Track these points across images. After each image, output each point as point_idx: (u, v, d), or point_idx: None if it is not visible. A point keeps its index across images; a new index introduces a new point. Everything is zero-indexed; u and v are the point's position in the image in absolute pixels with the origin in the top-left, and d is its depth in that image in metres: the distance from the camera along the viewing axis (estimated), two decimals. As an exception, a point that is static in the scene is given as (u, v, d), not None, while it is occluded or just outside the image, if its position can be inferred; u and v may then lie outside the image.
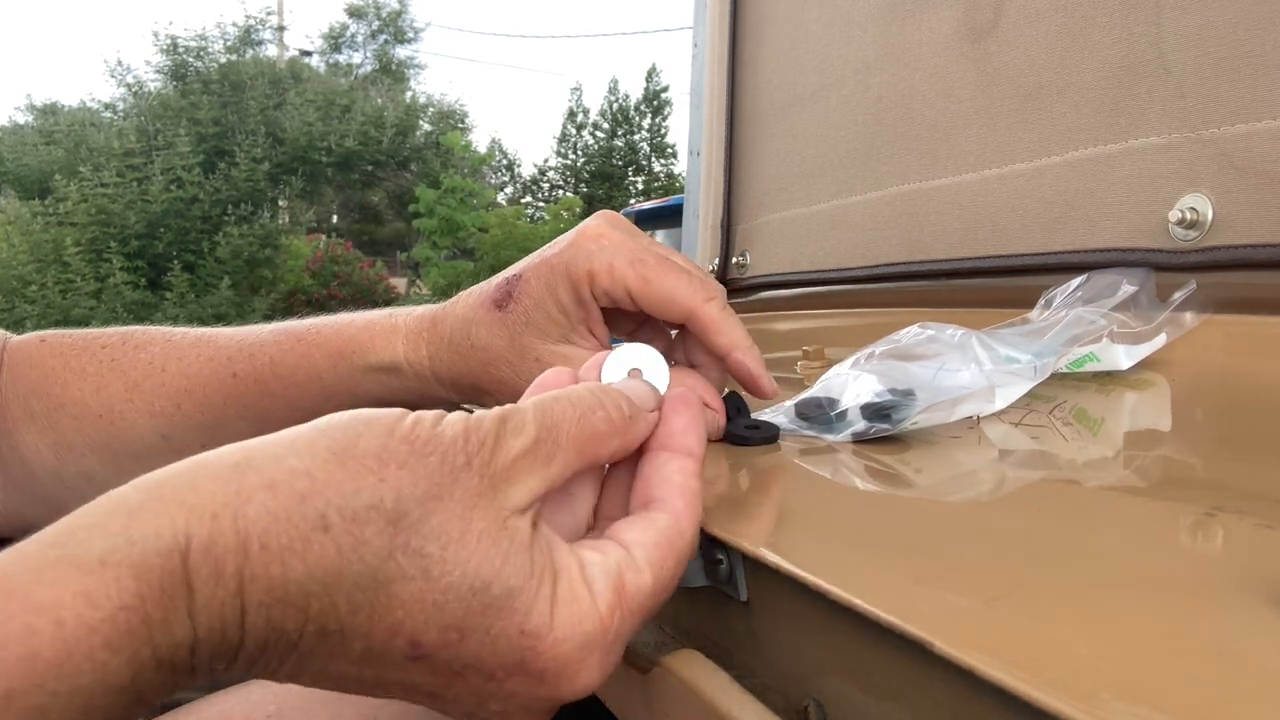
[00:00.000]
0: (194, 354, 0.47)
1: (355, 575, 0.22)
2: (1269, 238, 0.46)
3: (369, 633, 0.23)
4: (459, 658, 0.24)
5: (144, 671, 0.20)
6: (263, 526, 0.22)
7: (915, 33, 0.74)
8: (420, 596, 0.23)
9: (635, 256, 0.41)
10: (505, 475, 0.26)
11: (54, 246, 7.44)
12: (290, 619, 0.22)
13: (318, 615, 0.22)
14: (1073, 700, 0.17)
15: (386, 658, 0.24)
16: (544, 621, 0.25)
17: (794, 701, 0.28)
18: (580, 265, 0.41)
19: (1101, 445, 0.40)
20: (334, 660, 0.23)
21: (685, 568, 0.29)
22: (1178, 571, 0.25)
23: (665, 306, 0.41)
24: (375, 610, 0.23)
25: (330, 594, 0.22)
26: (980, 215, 0.66)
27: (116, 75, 11.00)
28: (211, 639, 0.21)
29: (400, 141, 10.72)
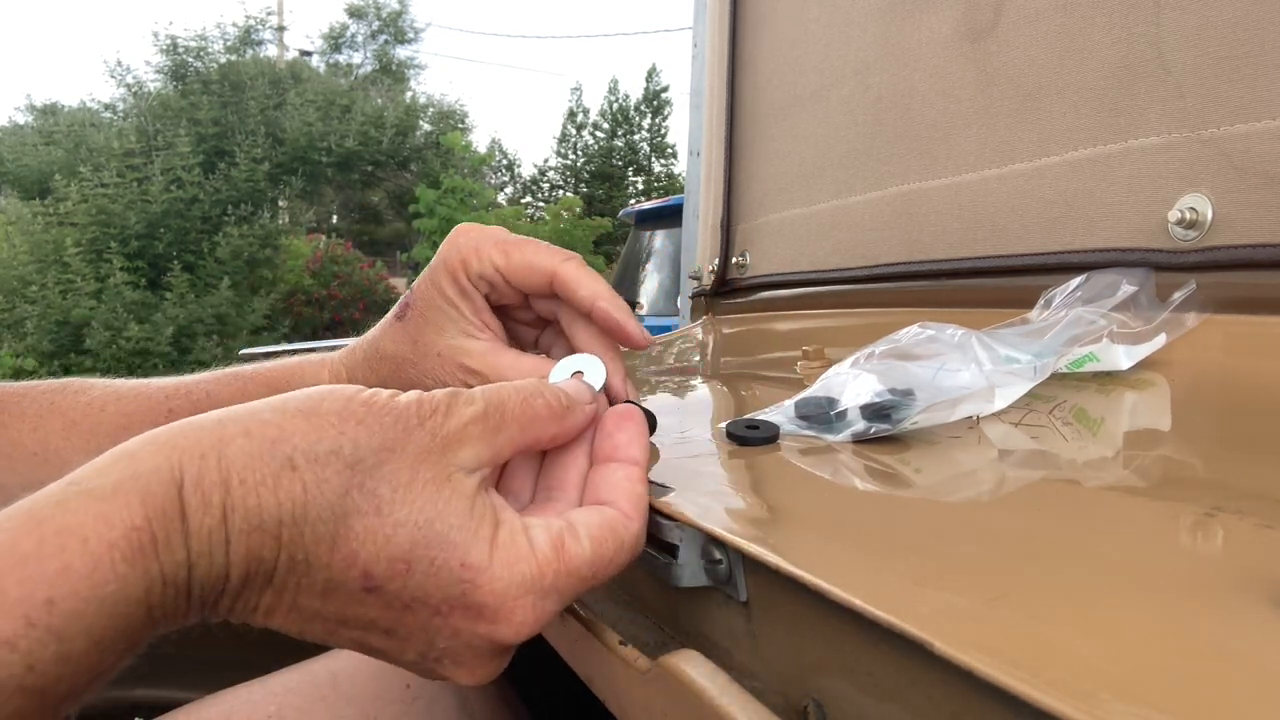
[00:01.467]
0: (131, 395, 0.48)
1: (318, 509, 0.26)
2: (1269, 238, 0.46)
3: (329, 563, 0.27)
4: (406, 589, 0.27)
5: (154, 586, 0.24)
6: (241, 464, 0.26)
7: (915, 33, 0.74)
8: (372, 530, 0.27)
9: (498, 238, 0.44)
10: (455, 437, 0.29)
11: (54, 247, 7.43)
12: (266, 547, 0.26)
13: (288, 544, 0.26)
14: (1073, 700, 0.17)
15: (344, 589, 0.27)
16: (483, 558, 0.28)
17: (794, 702, 0.28)
18: (454, 257, 0.44)
19: (1101, 445, 0.40)
20: (302, 593, 0.27)
21: (628, 558, 0.32)
22: (1178, 571, 0.25)
23: (528, 273, 0.43)
24: (335, 542, 0.26)
25: (298, 524, 0.26)
26: (980, 215, 0.66)
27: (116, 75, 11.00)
28: (202, 563, 0.25)
29: (400, 142, 10.71)
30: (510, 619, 0.29)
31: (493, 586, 0.28)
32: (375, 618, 0.28)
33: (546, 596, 0.29)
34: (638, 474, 0.34)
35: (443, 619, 0.28)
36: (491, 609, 0.28)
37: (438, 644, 0.29)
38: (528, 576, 0.29)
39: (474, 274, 0.44)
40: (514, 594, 0.29)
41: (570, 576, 0.30)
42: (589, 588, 0.31)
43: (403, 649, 0.29)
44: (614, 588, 0.41)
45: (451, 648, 0.29)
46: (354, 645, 0.30)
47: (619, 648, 0.34)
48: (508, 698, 0.62)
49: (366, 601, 0.28)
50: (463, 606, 0.28)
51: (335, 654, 0.60)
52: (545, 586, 0.29)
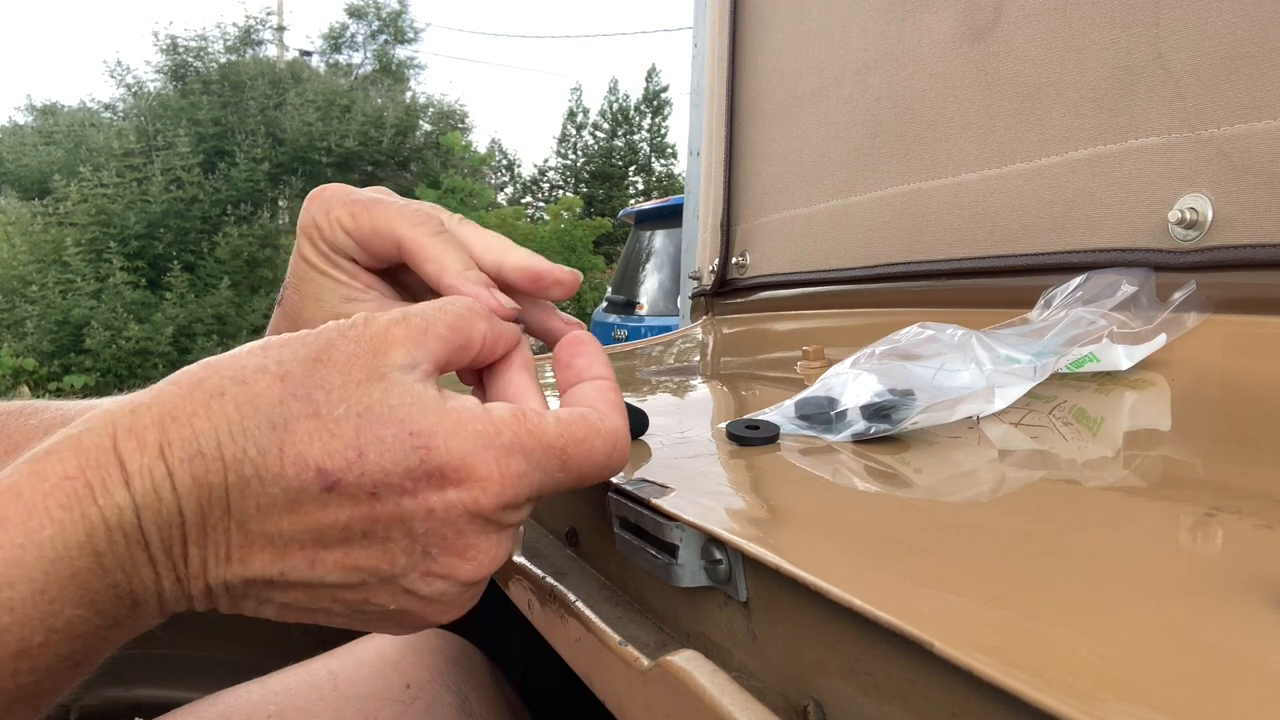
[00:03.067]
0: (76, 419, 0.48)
1: (255, 421, 0.27)
2: (1269, 238, 0.46)
3: (281, 471, 0.26)
4: (365, 475, 0.27)
5: (96, 531, 0.25)
6: (172, 404, 0.27)
7: (915, 33, 0.74)
8: (315, 430, 0.27)
9: (347, 198, 0.40)
10: (381, 340, 0.30)
11: (54, 247, 7.43)
12: (211, 471, 0.26)
13: (233, 462, 0.26)
14: (1073, 700, 0.17)
15: (305, 496, 0.27)
16: (430, 422, 0.28)
17: (794, 702, 0.28)
18: (306, 223, 0.41)
19: (1101, 445, 0.40)
20: (267, 516, 0.27)
21: (606, 448, 0.32)
22: (1177, 571, 0.25)
23: (378, 241, 0.39)
24: (282, 449, 0.26)
25: (237, 440, 0.26)
26: (980, 215, 0.66)
27: (116, 75, 10.98)
28: (149, 503, 0.25)
29: (400, 142, 10.70)
30: (474, 475, 0.28)
31: (448, 445, 0.28)
32: (347, 520, 0.27)
33: (510, 453, 0.29)
34: (607, 385, 0.34)
35: (411, 496, 0.28)
36: (454, 468, 0.28)
37: (418, 531, 0.28)
38: (483, 432, 0.28)
39: (328, 240, 0.40)
40: (471, 449, 0.28)
41: (534, 438, 0.29)
42: (562, 464, 0.30)
43: (390, 556, 0.28)
44: (614, 588, 0.41)
45: (433, 531, 0.28)
46: (344, 575, 0.28)
47: (619, 648, 0.35)
48: (508, 697, 0.62)
49: (331, 503, 0.27)
50: (424, 475, 0.28)
51: (335, 654, 0.60)
52: (505, 442, 0.29)
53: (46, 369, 6.95)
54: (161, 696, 0.66)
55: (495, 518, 0.29)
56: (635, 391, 0.73)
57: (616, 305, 5.45)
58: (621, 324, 5.18)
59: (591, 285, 9.51)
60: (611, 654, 0.35)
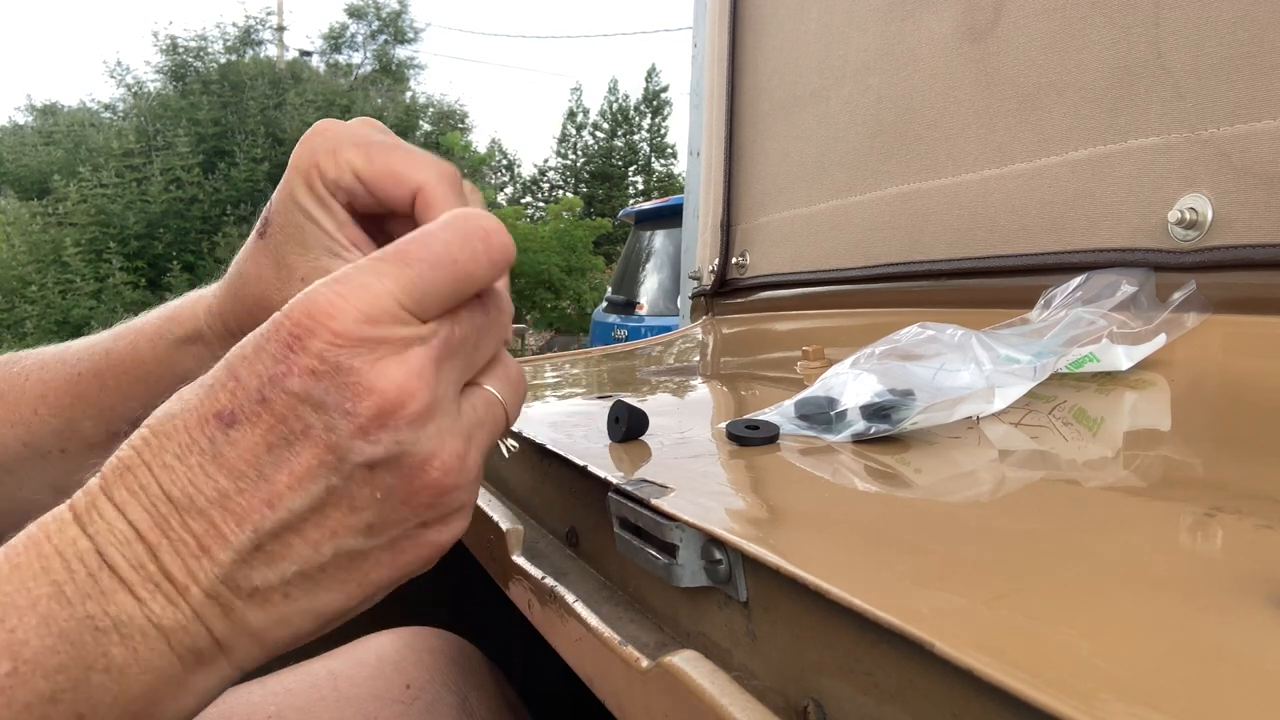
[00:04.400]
0: (54, 362, 0.48)
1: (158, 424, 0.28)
2: (1269, 238, 0.46)
3: (191, 440, 0.28)
4: (250, 389, 0.27)
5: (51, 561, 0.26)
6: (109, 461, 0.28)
7: (915, 33, 0.74)
8: (200, 395, 0.28)
9: (359, 138, 0.38)
10: None
11: (53, 247, 7.43)
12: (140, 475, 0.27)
13: (152, 458, 0.27)
14: (1073, 700, 0.17)
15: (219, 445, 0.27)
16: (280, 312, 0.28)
17: (794, 702, 0.28)
18: (306, 160, 0.38)
19: (1101, 445, 0.40)
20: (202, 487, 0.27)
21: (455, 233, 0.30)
22: (1178, 571, 0.25)
23: (393, 184, 0.37)
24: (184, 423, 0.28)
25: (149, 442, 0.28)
26: (980, 215, 0.66)
27: (116, 76, 11.00)
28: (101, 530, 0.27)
29: (400, 142, 10.70)
30: (317, 313, 0.27)
31: (289, 310, 0.27)
32: (262, 438, 0.27)
33: (344, 280, 0.28)
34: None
35: (289, 375, 0.27)
36: (300, 321, 0.27)
37: (319, 396, 0.27)
38: (317, 285, 0.28)
39: (330, 181, 0.38)
40: (306, 297, 0.27)
41: (367, 259, 0.29)
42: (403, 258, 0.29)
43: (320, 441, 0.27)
44: (614, 588, 0.41)
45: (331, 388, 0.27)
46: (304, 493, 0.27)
47: (619, 648, 0.35)
48: (508, 697, 0.62)
49: (240, 436, 0.27)
50: (286, 349, 0.27)
51: (335, 654, 0.60)
52: (338, 275, 0.28)
53: (46, 369, 6.94)
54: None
55: (371, 338, 0.27)
56: (635, 391, 0.73)
57: (616, 305, 5.45)
58: (621, 324, 5.18)
59: (591, 285, 9.51)
60: (611, 654, 0.35)
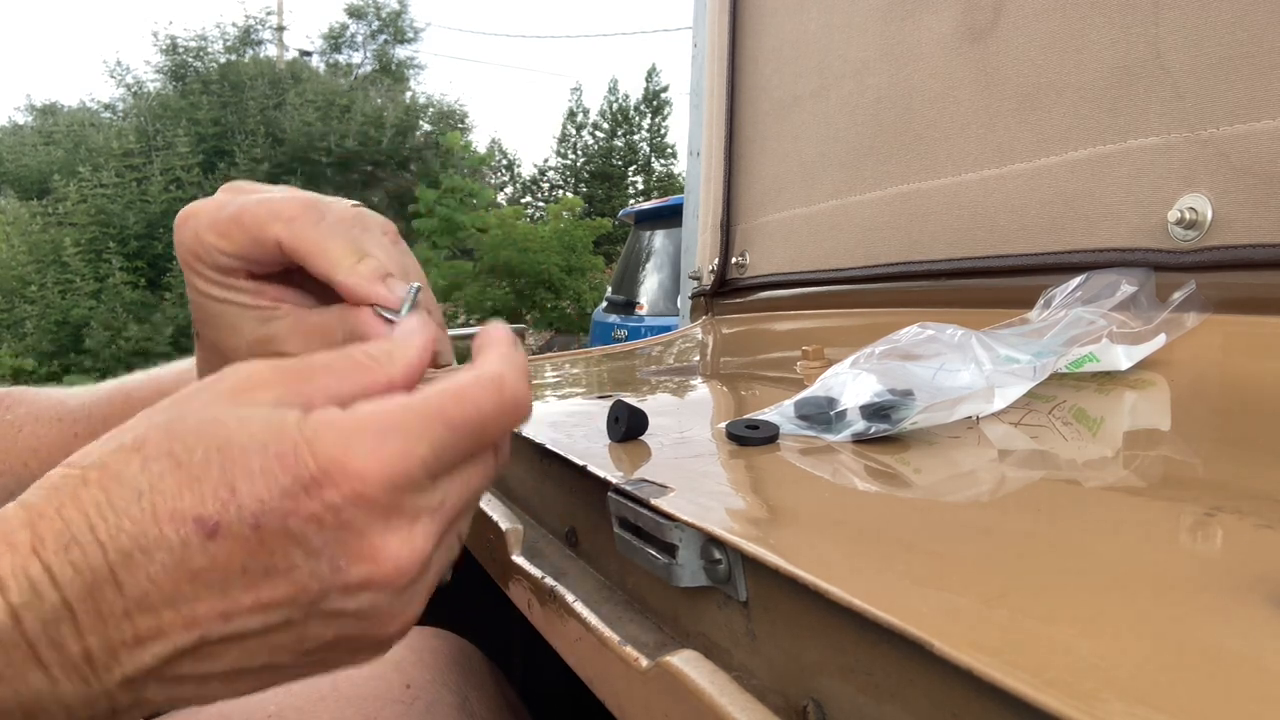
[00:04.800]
0: (49, 415, 0.48)
1: (121, 495, 0.26)
2: (1269, 238, 0.46)
3: (160, 535, 0.25)
4: (244, 510, 0.26)
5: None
6: (38, 504, 0.26)
7: (914, 33, 0.74)
8: (182, 482, 0.26)
9: (213, 215, 0.36)
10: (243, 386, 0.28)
11: (53, 247, 7.43)
12: (90, 554, 0.25)
13: (109, 540, 0.25)
14: (1073, 700, 0.17)
15: (191, 551, 0.25)
16: (293, 439, 0.26)
17: (793, 701, 0.28)
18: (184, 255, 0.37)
19: (1101, 445, 0.40)
20: (160, 586, 0.25)
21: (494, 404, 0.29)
22: (1178, 571, 0.25)
23: (258, 250, 0.36)
24: (155, 512, 0.25)
25: (108, 519, 0.25)
26: (980, 215, 0.66)
27: (116, 76, 11.00)
28: (30, 603, 0.24)
29: (400, 142, 10.71)
30: (348, 470, 0.26)
31: (314, 451, 0.26)
32: (242, 560, 0.26)
33: (381, 436, 0.27)
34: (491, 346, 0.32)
35: (294, 515, 0.26)
36: (326, 470, 0.26)
37: (316, 545, 0.26)
38: (347, 428, 0.27)
39: (213, 266, 0.37)
40: (339, 447, 0.26)
41: (404, 411, 0.28)
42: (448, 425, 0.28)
43: (300, 583, 0.26)
44: (614, 588, 0.41)
45: (331, 541, 0.26)
46: (264, 618, 0.27)
47: (619, 648, 0.34)
48: (508, 697, 0.62)
49: (219, 550, 0.25)
50: (301, 489, 0.26)
51: (335, 654, 0.59)
52: (373, 428, 0.27)
53: (46, 369, 6.95)
54: (161, 696, 0.66)
55: (390, 505, 0.27)
56: (635, 391, 0.73)
57: (616, 305, 5.45)
58: (621, 324, 5.18)
59: (591, 285, 9.51)
60: (611, 654, 0.35)
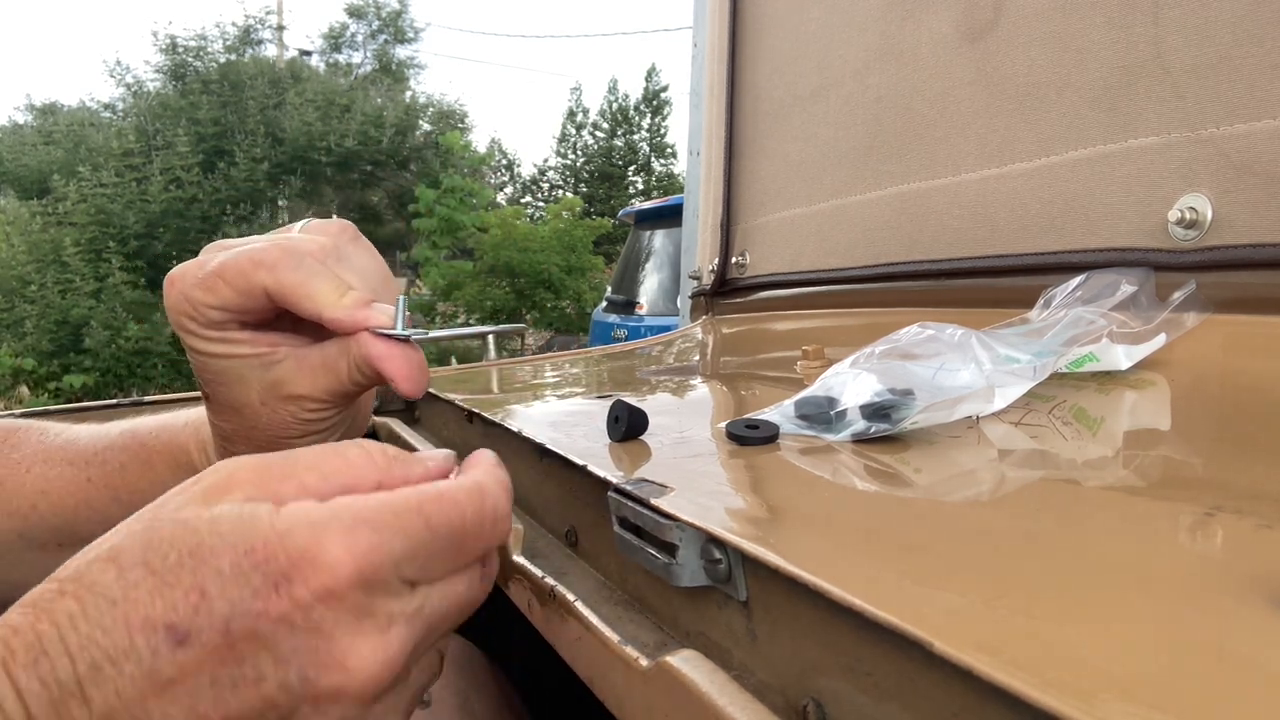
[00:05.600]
0: (58, 456, 0.47)
1: (95, 604, 0.25)
2: (1269, 237, 0.46)
3: (130, 645, 0.25)
4: (215, 615, 0.25)
5: None
6: (15, 620, 0.25)
7: (915, 33, 0.74)
8: (154, 589, 0.25)
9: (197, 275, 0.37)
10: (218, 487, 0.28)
11: (53, 246, 7.43)
12: (58, 667, 0.24)
13: (79, 651, 0.24)
14: (1073, 700, 0.17)
15: (161, 661, 0.25)
16: (263, 533, 0.26)
17: (793, 701, 0.28)
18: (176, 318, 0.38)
19: (1101, 445, 0.40)
20: (128, 699, 0.24)
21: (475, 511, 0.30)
22: (1178, 571, 0.25)
23: (247, 302, 0.37)
24: (127, 620, 0.25)
25: (80, 628, 0.25)
26: (980, 215, 0.66)
27: (116, 75, 11.00)
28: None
29: (400, 141, 10.71)
30: (319, 562, 0.26)
31: (284, 545, 0.26)
32: (211, 670, 0.25)
33: (354, 529, 0.26)
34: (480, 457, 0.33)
35: (264, 617, 0.25)
36: (295, 563, 0.26)
37: (285, 652, 0.26)
38: (319, 520, 0.26)
39: (206, 324, 0.38)
40: (310, 538, 0.26)
41: (382, 506, 0.27)
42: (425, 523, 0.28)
43: (267, 695, 0.26)
44: (614, 588, 0.41)
45: (301, 647, 0.26)
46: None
47: (619, 648, 0.34)
48: (508, 697, 0.62)
49: (189, 659, 0.25)
50: (270, 587, 0.25)
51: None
52: (346, 521, 0.27)
53: (46, 369, 6.95)
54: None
55: (361, 605, 0.26)
56: (635, 391, 0.73)
57: (616, 305, 5.45)
58: (621, 324, 5.18)
59: (591, 285, 9.51)
60: (611, 654, 0.35)
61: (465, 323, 9.21)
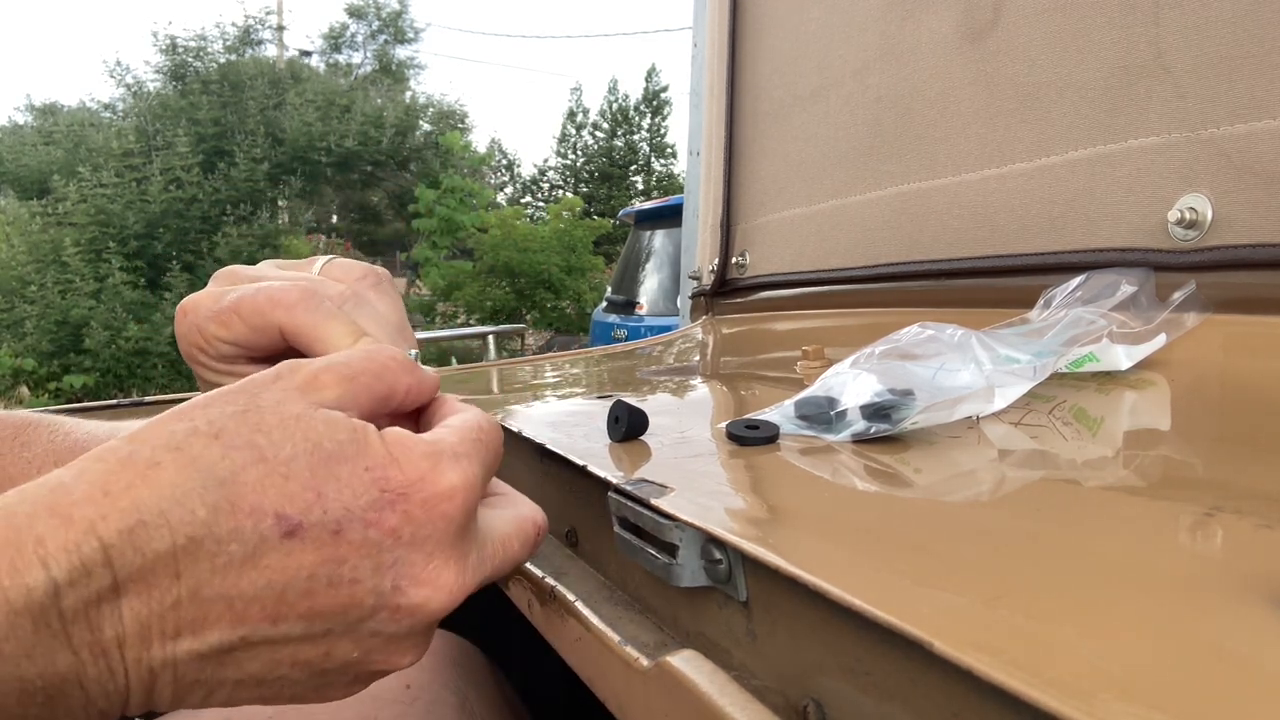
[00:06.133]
0: (68, 459, 0.47)
1: (199, 482, 0.25)
2: (1269, 238, 0.46)
3: (237, 526, 0.25)
4: (328, 514, 0.26)
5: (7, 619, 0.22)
6: (103, 479, 0.24)
7: (915, 33, 0.74)
8: (265, 476, 0.26)
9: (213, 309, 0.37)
10: (310, 384, 0.29)
11: (53, 247, 7.43)
12: (156, 537, 0.24)
13: (180, 524, 0.24)
14: (1073, 700, 0.17)
15: (266, 547, 0.25)
16: (382, 454, 0.28)
17: (793, 701, 0.28)
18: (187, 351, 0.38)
19: (1101, 445, 0.40)
20: (224, 577, 0.25)
21: (496, 430, 0.32)
22: (1178, 571, 0.25)
23: (260, 339, 0.37)
24: (233, 503, 0.25)
25: (184, 503, 0.24)
26: (980, 215, 0.66)
27: (116, 75, 11.01)
28: (76, 580, 0.23)
29: (400, 142, 10.71)
30: (438, 487, 0.28)
31: (404, 469, 0.27)
32: (313, 565, 0.26)
33: (460, 459, 0.29)
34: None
35: (376, 527, 0.27)
36: (416, 490, 0.27)
37: (386, 562, 0.27)
38: (431, 451, 0.28)
39: (216, 357, 0.38)
40: (428, 465, 0.28)
41: (466, 440, 0.30)
42: (486, 447, 0.31)
43: (357, 597, 0.27)
44: (614, 588, 0.41)
45: (402, 559, 0.27)
46: (308, 625, 0.26)
47: (619, 648, 0.34)
48: (508, 697, 0.62)
49: (295, 550, 0.25)
50: (387, 504, 0.27)
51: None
52: (454, 451, 0.29)
53: (46, 369, 6.95)
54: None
55: (459, 532, 0.28)
56: (635, 391, 0.73)
57: (616, 305, 5.45)
58: (621, 324, 5.18)
59: (591, 285, 9.51)
60: (611, 654, 0.35)
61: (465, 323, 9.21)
